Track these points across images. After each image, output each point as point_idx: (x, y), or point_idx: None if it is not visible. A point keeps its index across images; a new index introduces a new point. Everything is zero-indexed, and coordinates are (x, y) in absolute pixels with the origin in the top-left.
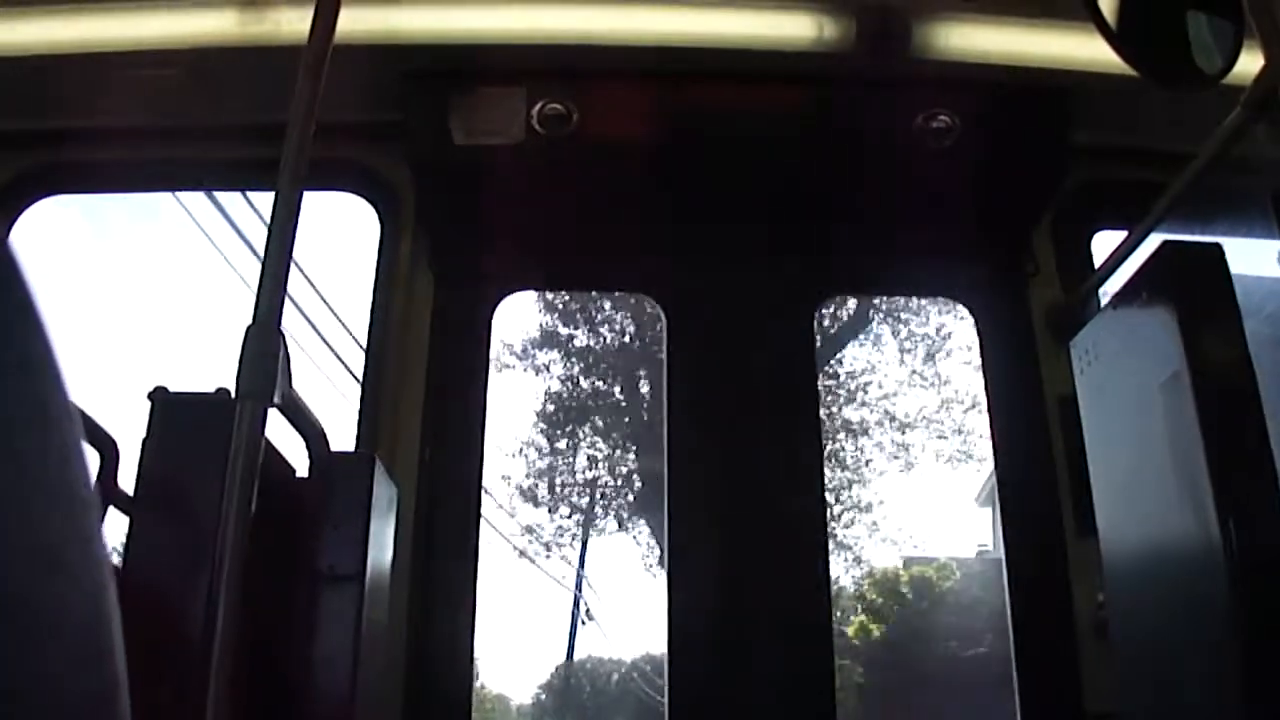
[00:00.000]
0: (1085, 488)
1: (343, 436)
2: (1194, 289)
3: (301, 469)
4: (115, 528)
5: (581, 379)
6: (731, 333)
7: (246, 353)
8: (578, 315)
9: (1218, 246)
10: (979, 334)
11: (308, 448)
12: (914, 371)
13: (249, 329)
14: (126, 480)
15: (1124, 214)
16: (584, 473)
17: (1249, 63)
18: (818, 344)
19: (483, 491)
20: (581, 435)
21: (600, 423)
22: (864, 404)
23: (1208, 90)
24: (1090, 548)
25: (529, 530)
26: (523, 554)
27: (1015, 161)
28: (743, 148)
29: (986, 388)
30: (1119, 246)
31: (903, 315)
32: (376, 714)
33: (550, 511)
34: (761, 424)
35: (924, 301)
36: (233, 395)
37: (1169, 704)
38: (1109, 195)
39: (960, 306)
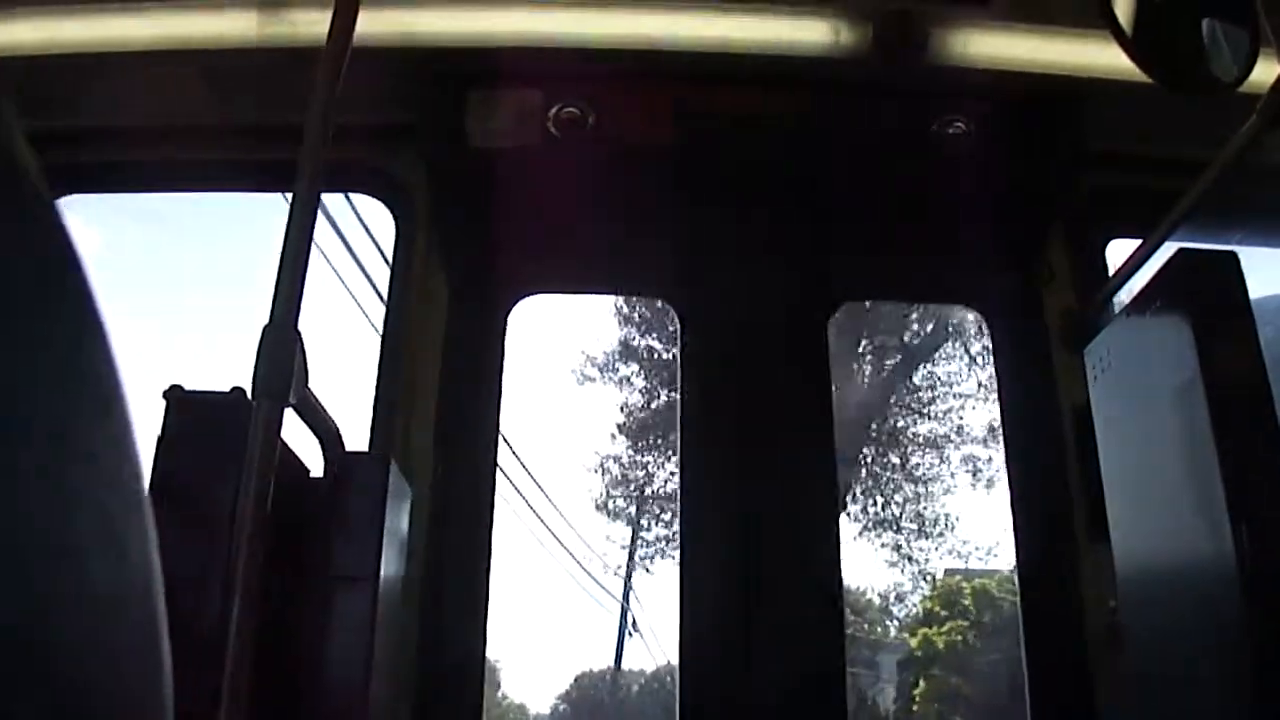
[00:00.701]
0: (1099, 495)
1: (358, 438)
2: (1208, 297)
3: (316, 469)
4: None
5: (662, 392)
6: (746, 337)
7: (263, 353)
8: (655, 328)
9: (1233, 255)
10: (992, 340)
11: (322, 448)
12: (981, 384)
13: (266, 329)
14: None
15: (1139, 221)
16: (641, 485)
17: (1265, 71)
18: (896, 358)
19: (495, 495)
20: (659, 448)
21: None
22: (935, 417)
23: (1223, 97)
24: (1103, 555)
25: (592, 544)
26: (579, 564)
27: (1030, 168)
28: (759, 152)
29: (1000, 394)
30: (1133, 254)
31: (973, 328)
32: (388, 716)
33: (633, 524)
34: (775, 428)
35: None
36: (248, 395)
37: (1181, 711)
38: (1124, 202)
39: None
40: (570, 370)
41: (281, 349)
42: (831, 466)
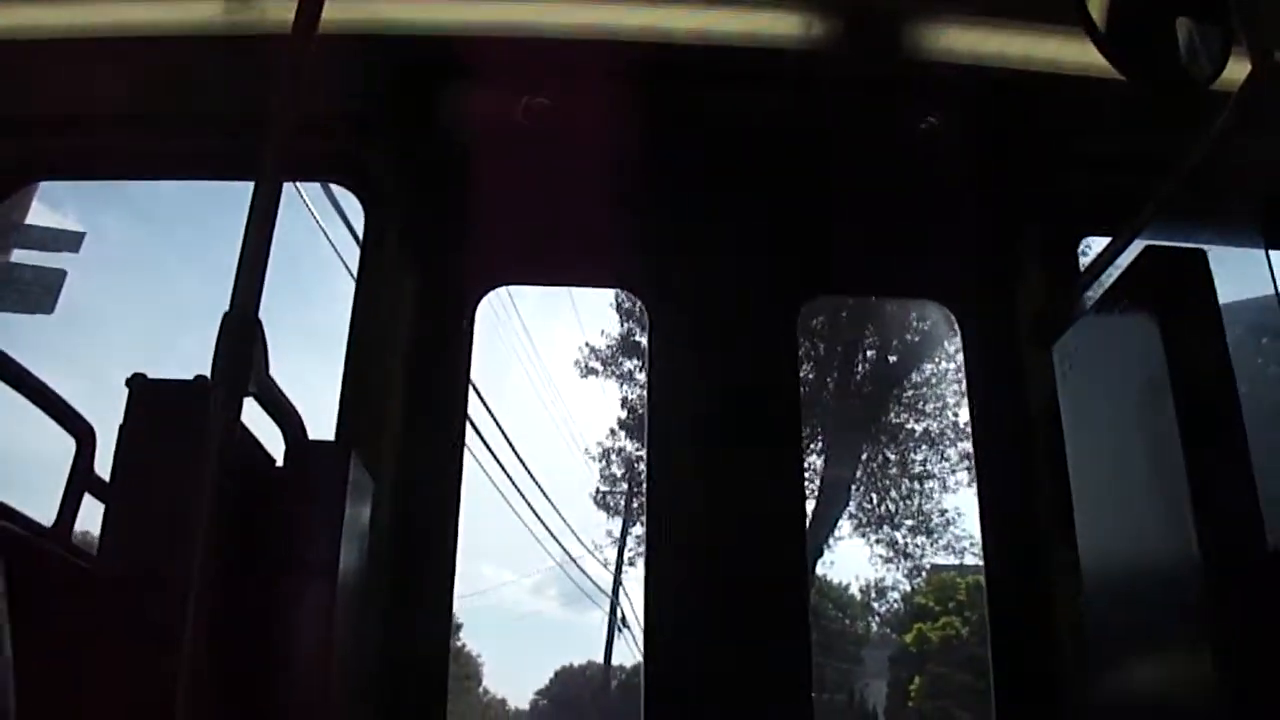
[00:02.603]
0: (1067, 491)
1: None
2: (1175, 294)
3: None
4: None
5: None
6: (714, 330)
7: (222, 341)
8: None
9: (1200, 252)
10: (963, 337)
11: (285, 437)
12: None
13: (225, 317)
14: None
15: (1111, 219)
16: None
17: (1237, 69)
18: (895, 357)
19: (462, 485)
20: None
21: None
22: (932, 414)
23: (1196, 95)
24: (1070, 549)
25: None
26: (571, 557)
27: (1002, 165)
28: (728, 146)
29: (969, 390)
30: (1103, 251)
31: None
32: (349, 703)
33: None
34: (743, 420)
35: None
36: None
37: (1146, 708)
38: (1096, 200)
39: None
40: (574, 364)
41: (241, 337)
42: (798, 458)
